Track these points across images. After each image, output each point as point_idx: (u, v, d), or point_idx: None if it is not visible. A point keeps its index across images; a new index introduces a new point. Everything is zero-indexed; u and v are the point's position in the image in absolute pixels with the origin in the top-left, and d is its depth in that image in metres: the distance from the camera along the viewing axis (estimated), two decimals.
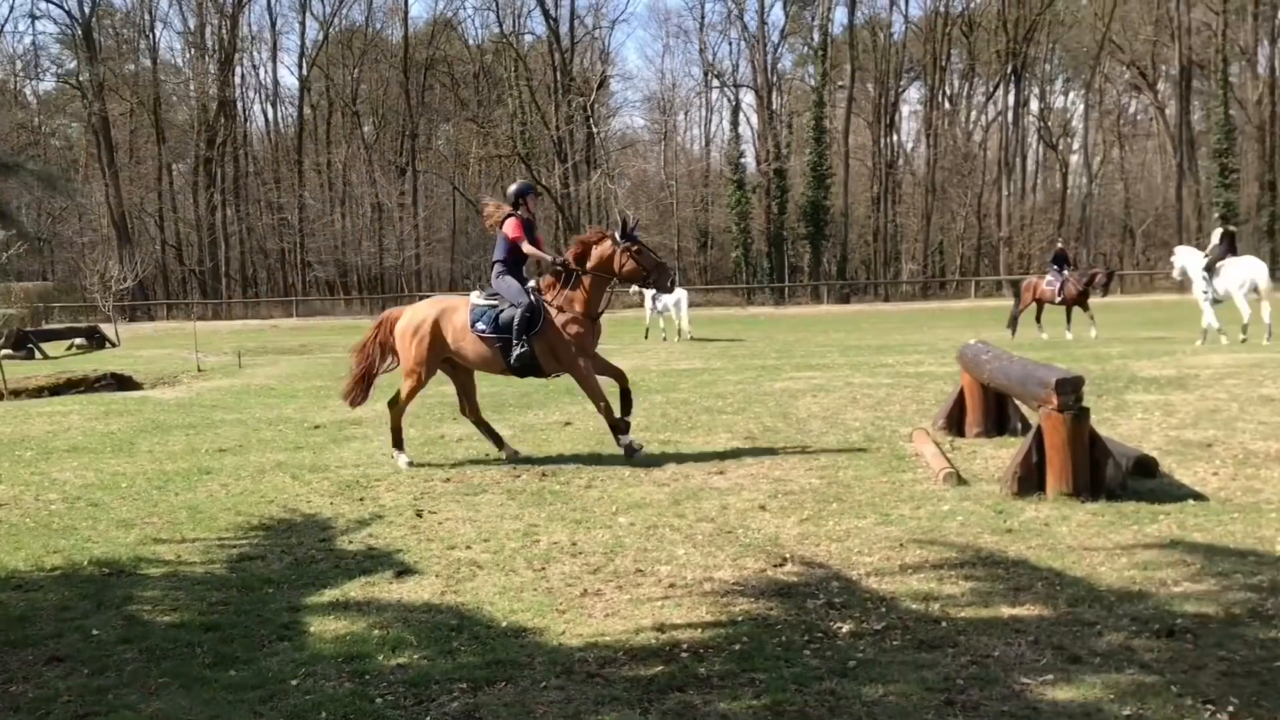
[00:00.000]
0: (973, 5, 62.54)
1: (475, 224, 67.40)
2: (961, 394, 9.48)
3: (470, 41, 69.11)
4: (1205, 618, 4.55)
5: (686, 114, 73.42)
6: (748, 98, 66.29)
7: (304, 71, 64.19)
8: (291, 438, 10.87)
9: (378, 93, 66.83)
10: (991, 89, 63.34)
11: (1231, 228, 19.29)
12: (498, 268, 9.11)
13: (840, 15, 64.88)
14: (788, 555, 5.78)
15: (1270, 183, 54.15)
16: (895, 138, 65.67)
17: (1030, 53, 60.37)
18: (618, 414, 8.95)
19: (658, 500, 7.24)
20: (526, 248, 9.04)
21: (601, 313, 9.11)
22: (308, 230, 62.02)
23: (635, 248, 9.02)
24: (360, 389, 9.50)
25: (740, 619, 4.78)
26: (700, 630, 4.66)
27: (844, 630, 4.57)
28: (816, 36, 61.84)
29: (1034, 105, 64.73)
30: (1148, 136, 66.51)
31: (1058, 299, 23.39)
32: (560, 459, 8.98)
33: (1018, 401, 8.63)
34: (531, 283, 9.09)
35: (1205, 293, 18.33)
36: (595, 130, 62.39)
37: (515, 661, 4.36)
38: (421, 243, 63.01)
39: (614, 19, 69.97)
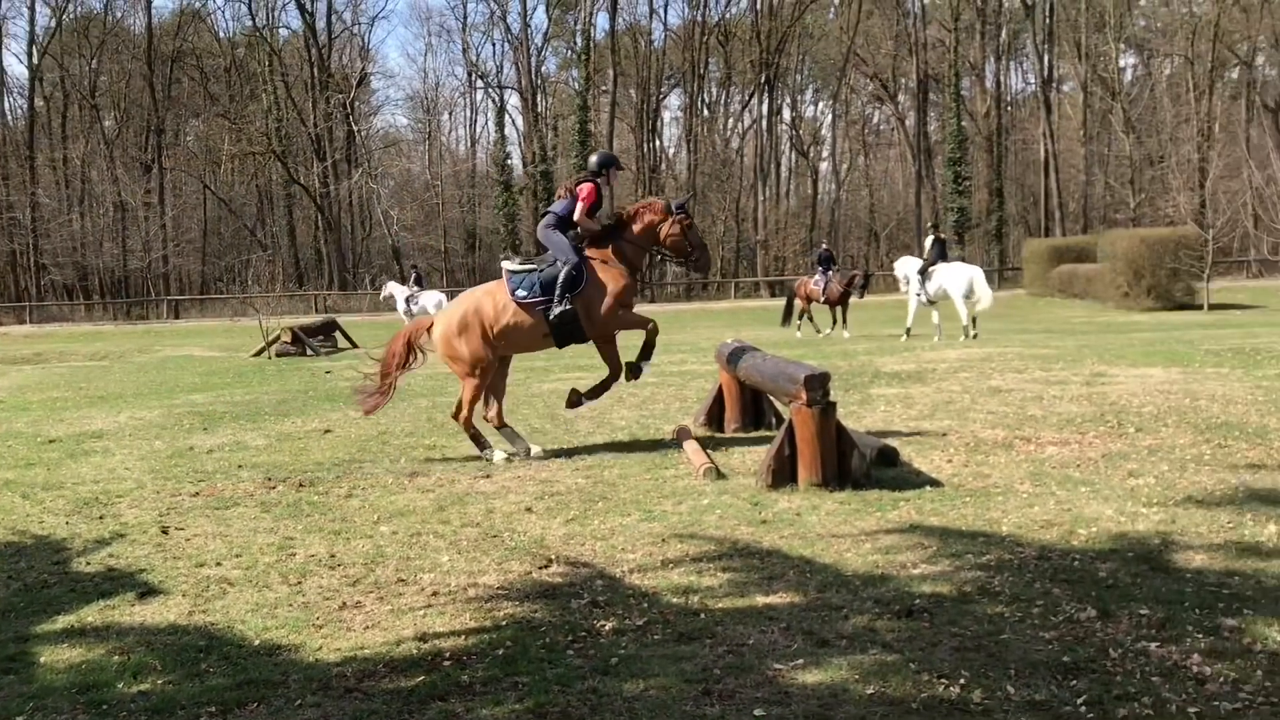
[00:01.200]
0: (728, 16, 64.75)
1: (228, 224, 64.42)
2: (720, 391, 9.78)
3: (221, 34, 65.95)
4: (940, 597, 4.86)
5: (451, 114, 72.68)
6: (513, 99, 66.31)
7: (34, 60, 59.44)
8: (22, 454, 10.04)
9: (119, 85, 62.71)
10: (747, 97, 65.77)
11: (942, 234, 20.81)
12: (550, 219, 8.82)
13: (602, 20, 65.80)
14: (553, 556, 5.79)
15: (998, 189, 58.65)
16: (658, 142, 67.25)
17: (782, 63, 63.03)
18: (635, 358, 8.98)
19: (422, 507, 7.11)
20: (584, 219, 8.77)
21: (638, 276, 9.01)
22: (41, 231, 57.42)
23: (687, 220, 8.93)
24: (384, 395, 9.06)
25: (504, 623, 4.75)
26: (464, 637, 4.60)
27: (607, 628, 4.61)
28: (579, 41, 62.46)
29: (786, 114, 67.70)
30: (890, 145, 70.78)
31: (822, 299, 24.55)
32: (320, 467, 8.68)
33: (771, 397, 8.97)
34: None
35: (917, 294, 19.78)
36: (356, 128, 60.79)
37: (268, 681, 4.17)
38: (170, 244, 59.52)
39: (373, 15, 68.54)
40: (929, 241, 20.55)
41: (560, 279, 8.56)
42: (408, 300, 27.25)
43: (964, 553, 5.54)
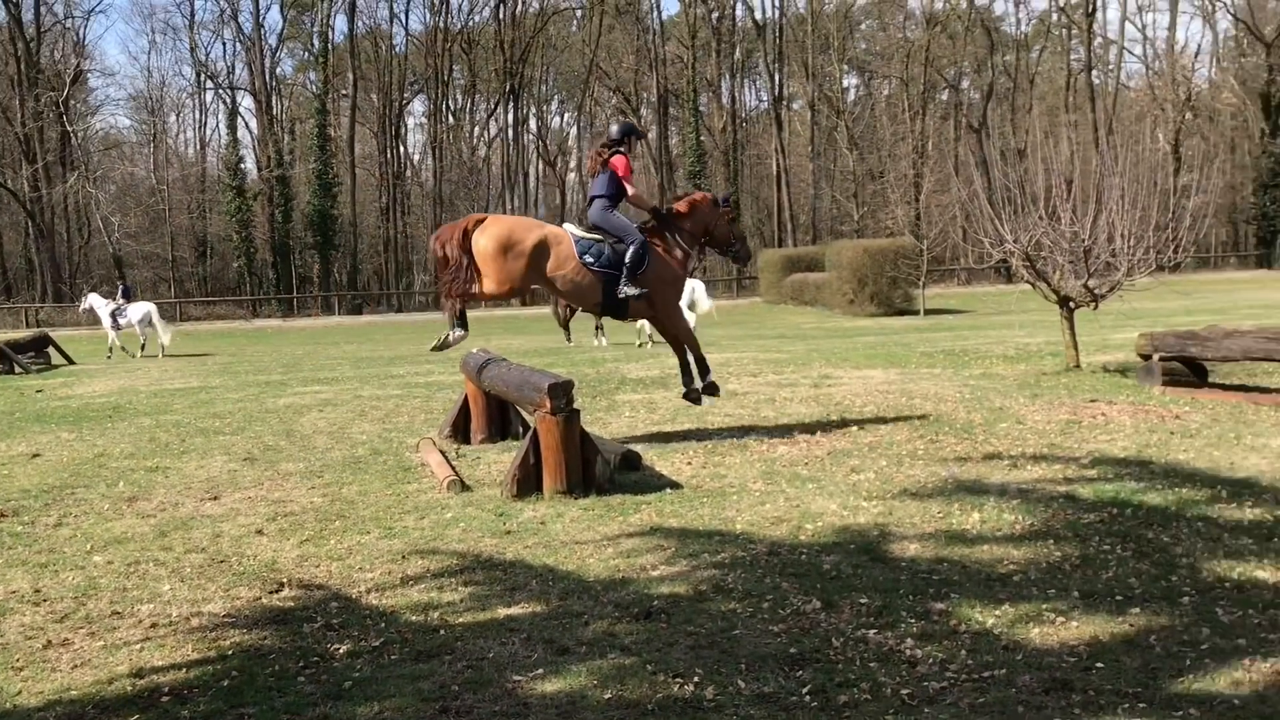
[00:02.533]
0: (471, 23, 64.38)
1: None
2: (466, 402, 9.67)
3: None
4: (678, 597, 4.97)
5: (179, 115, 68.64)
6: (246, 101, 63.36)
7: None
8: None
9: None
10: (493, 105, 65.60)
11: None
12: (603, 202, 8.77)
13: (341, 23, 64.02)
14: (285, 580, 5.54)
15: (735, 202, 61.03)
16: (402, 149, 66.03)
17: (527, 73, 63.26)
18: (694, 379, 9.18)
19: (141, 534, 6.64)
20: (631, 190, 8.81)
21: (690, 271, 9.10)
22: None
23: (732, 214, 9.24)
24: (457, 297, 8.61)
25: (230, 653, 4.50)
26: (185, 670, 4.32)
27: (341, 651, 4.45)
28: (316, 43, 60.46)
29: (533, 123, 68.04)
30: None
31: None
32: (26, 495, 7.96)
33: (518, 407, 8.95)
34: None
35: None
36: (71, 129, 56.37)
37: None
38: None
39: (89, 9, 63.18)
40: None
41: (628, 259, 8.62)
42: (114, 314, 25.40)
43: (701, 552, 5.70)
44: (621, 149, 9.09)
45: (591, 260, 8.69)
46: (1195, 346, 10.94)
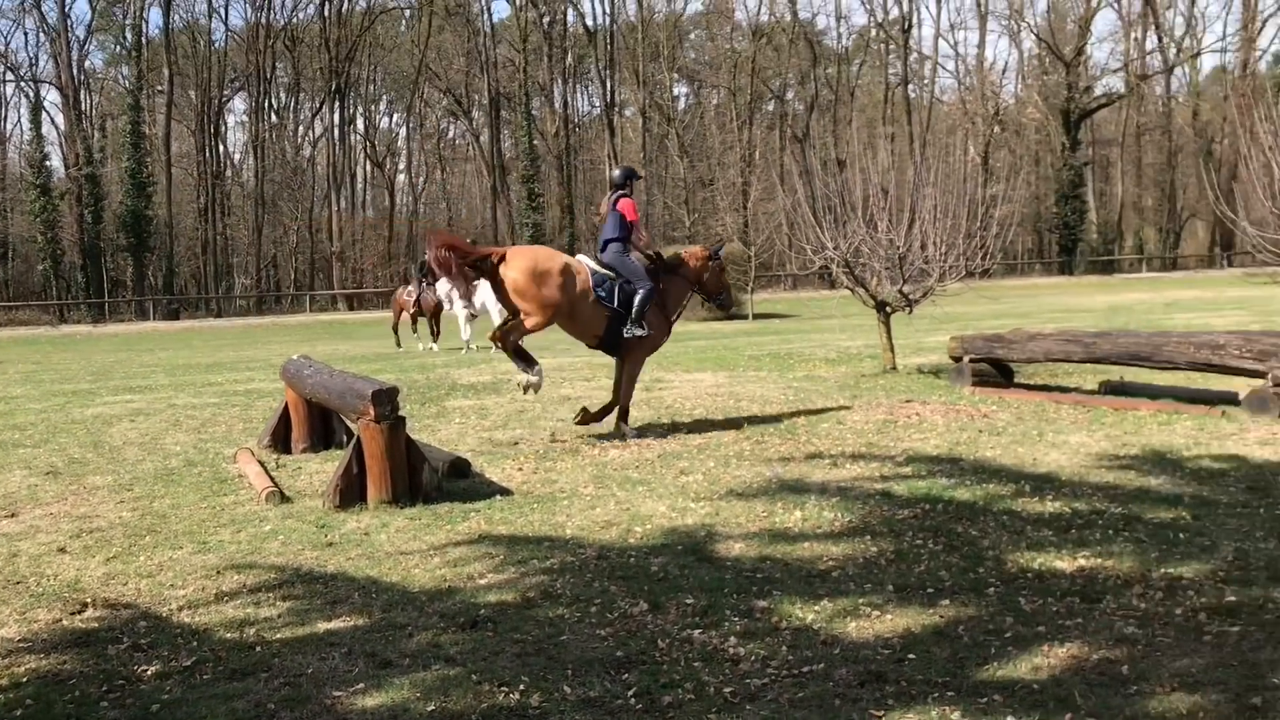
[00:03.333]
0: (295, 20, 62.49)
1: None
2: (286, 410, 9.36)
3: None
4: (505, 605, 4.92)
5: None
6: (51, 95, 59.85)
7: None
8: None
9: None
10: (318, 105, 63.86)
11: None
12: (618, 245, 9.21)
13: (155, 16, 61.16)
14: (90, 600, 5.23)
15: (569, 207, 61.14)
16: (222, 147, 63.58)
17: (353, 72, 61.85)
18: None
19: None
20: (645, 237, 9.51)
21: (676, 318, 9.78)
22: None
23: (720, 267, 10.07)
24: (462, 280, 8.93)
25: (25, 679, 4.22)
26: None
27: (149, 672, 4.23)
28: (129, 36, 57.60)
29: (361, 124, 66.51)
30: (466, 160, 71.66)
31: (412, 309, 23.74)
32: None
33: (341, 415, 8.71)
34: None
35: (466, 307, 20.41)
36: None
37: None
38: None
39: None
40: None
41: (638, 303, 9.09)
42: None
43: (530, 559, 5.66)
44: (625, 192, 9.56)
45: (604, 295, 9.08)
46: (1002, 349, 11.54)
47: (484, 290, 20.31)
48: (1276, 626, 4.29)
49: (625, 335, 9.18)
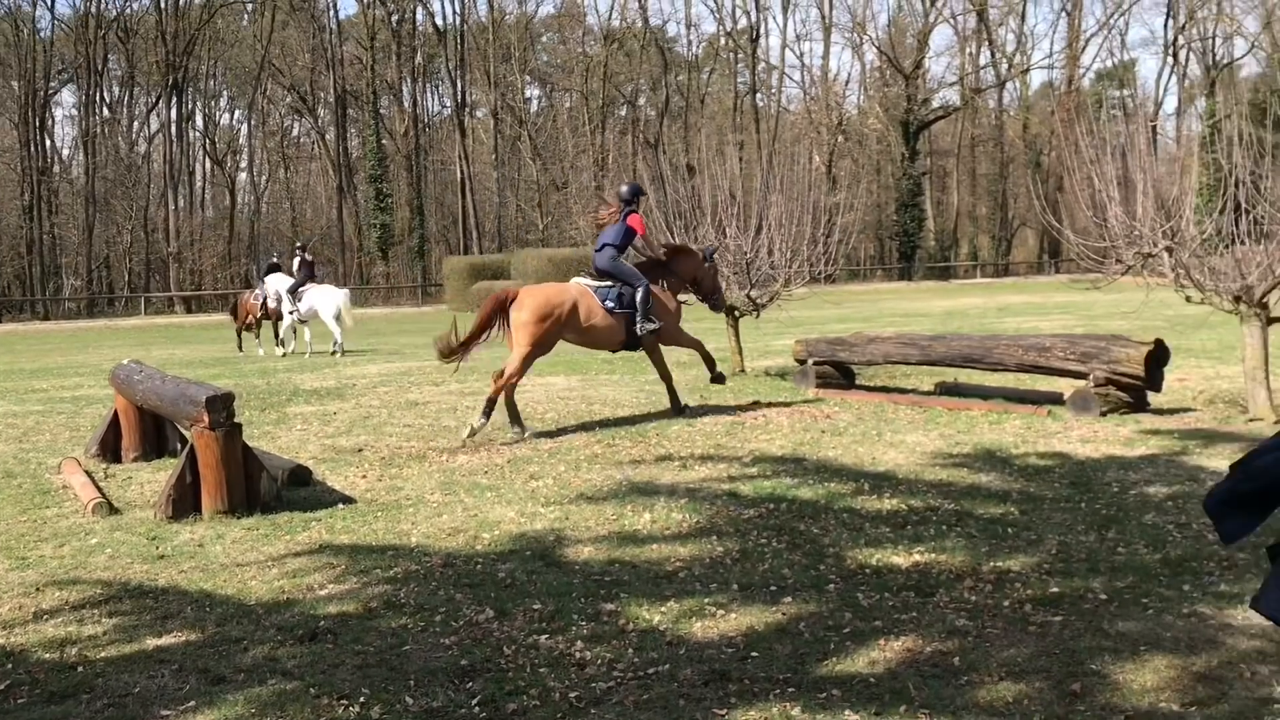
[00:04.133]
0: (129, 11, 59.81)
1: None
2: (116, 417, 8.94)
3: None
4: (347, 616, 4.80)
5: None
6: None
7: None
8: None
9: None
10: (154, 100, 61.27)
11: (309, 255, 21.08)
12: (612, 251, 9.95)
13: None
14: None
15: (419, 208, 60.24)
16: (49, 142, 60.36)
17: (192, 66, 59.57)
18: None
19: None
20: (653, 245, 10.56)
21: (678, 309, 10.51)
22: None
23: (713, 268, 11.03)
24: (465, 352, 9.64)
25: None
26: None
27: None
28: None
29: (200, 120, 64.12)
30: (311, 159, 69.82)
31: (259, 313, 22.86)
32: None
33: (174, 422, 8.36)
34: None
35: (290, 312, 19.99)
36: None
37: None
38: None
39: None
40: (297, 262, 20.75)
41: (640, 301, 9.89)
42: None
43: (373, 568, 5.54)
44: (633, 208, 10.26)
45: (613, 305, 9.92)
46: (844, 351, 11.88)
47: (312, 296, 19.87)
48: (1094, 615, 4.52)
49: (639, 332, 10.00)
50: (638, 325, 9.94)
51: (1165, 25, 65.56)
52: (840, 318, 25.07)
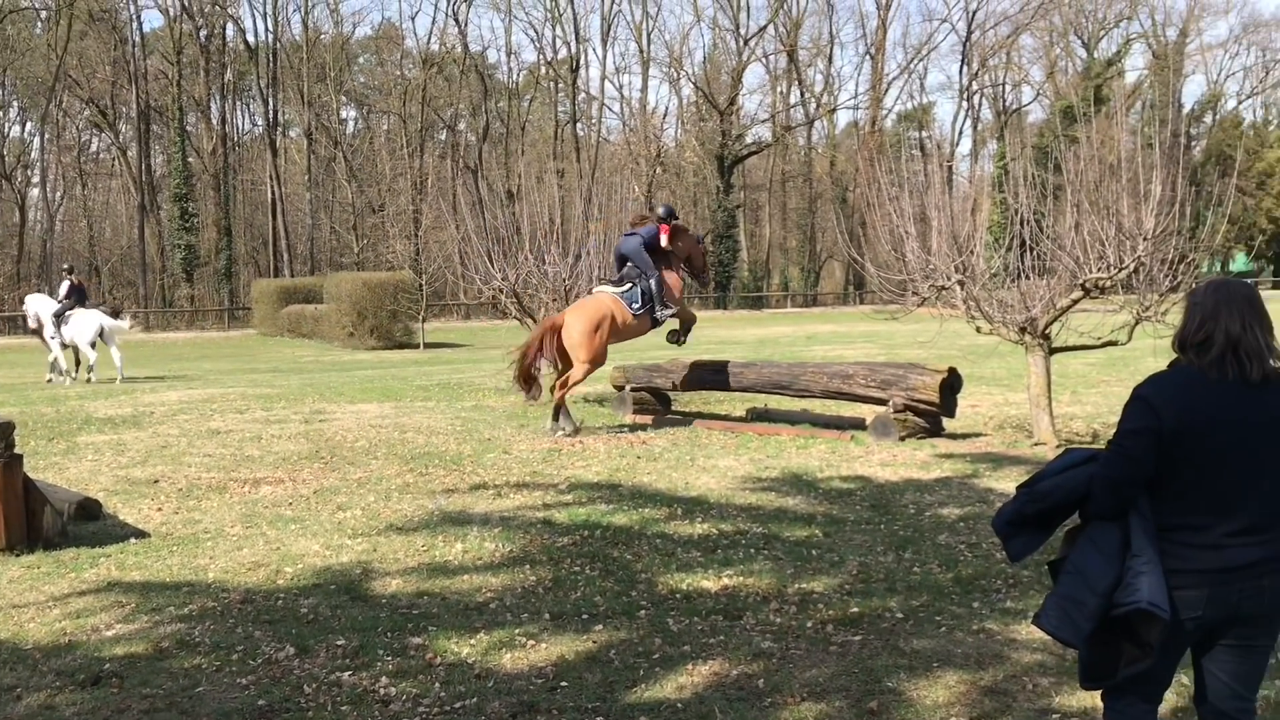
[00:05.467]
0: None
1: None
2: None
3: None
4: (134, 657, 4.52)
5: None
6: None
7: None
8: None
9: None
10: None
11: (76, 279, 20.13)
12: (639, 240, 11.22)
13: None
14: None
15: (227, 228, 57.91)
16: None
17: None
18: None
19: None
20: (671, 246, 11.44)
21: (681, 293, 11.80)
22: None
23: (703, 249, 12.39)
24: (530, 381, 11.14)
25: None
26: None
27: None
28: None
29: None
30: (111, 176, 66.25)
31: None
32: None
33: None
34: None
35: (53, 337, 19.06)
36: None
37: None
38: None
39: None
40: (65, 287, 19.72)
41: (655, 290, 11.16)
42: None
43: (165, 606, 5.24)
44: (665, 222, 11.54)
45: (638, 305, 11.13)
46: (661, 378, 12.03)
47: (74, 321, 18.78)
48: (891, 634, 4.69)
49: (659, 319, 11.36)
50: (658, 312, 11.27)
51: (960, 72, 69.51)
52: (657, 344, 25.40)
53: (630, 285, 11.23)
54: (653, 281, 11.26)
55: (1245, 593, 2.72)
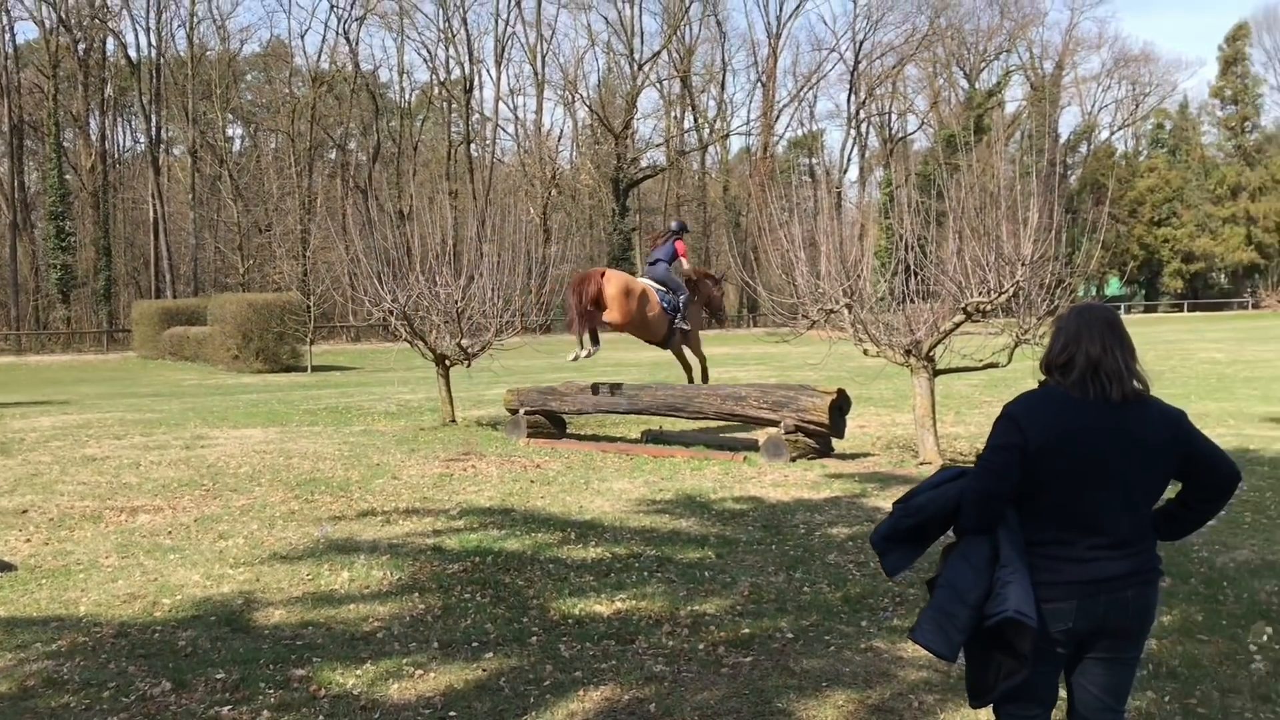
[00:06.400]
0: None
1: None
2: None
3: None
4: (1, 696, 4.30)
5: None
6: None
7: None
8: None
9: None
10: None
11: None
12: (665, 265, 12.41)
13: None
14: None
15: (106, 248, 56.03)
16: None
17: None
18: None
19: None
20: (687, 265, 12.70)
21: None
22: None
23: (721, 290, 13.61)
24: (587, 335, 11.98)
25: None
26: None
27: None
28: None
29: None
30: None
31: None
32: None
33: None
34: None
35: None
36: None
37: None
38: None
39: None
40: None
41: (682, 304, 12.34)
42: None
43: (32, 642, 5.00)
44: (679, 237, 12.69)
45: (667, 306, 12.24)
46: (555, 401, 11.99)
47: None
48: (782, 654, 4.73)
49: (677, 326, 12.40)
50: (677, 320, 12.34)
51: (848, 100, 71.30)
52: (553, 367, 25.34)
53: (666, 291, 12.38)
54: (681, 298, 12.50)
55: (1112, 605, 2.82)
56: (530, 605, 5.50)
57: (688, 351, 12.95)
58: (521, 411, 12.15)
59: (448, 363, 13.83)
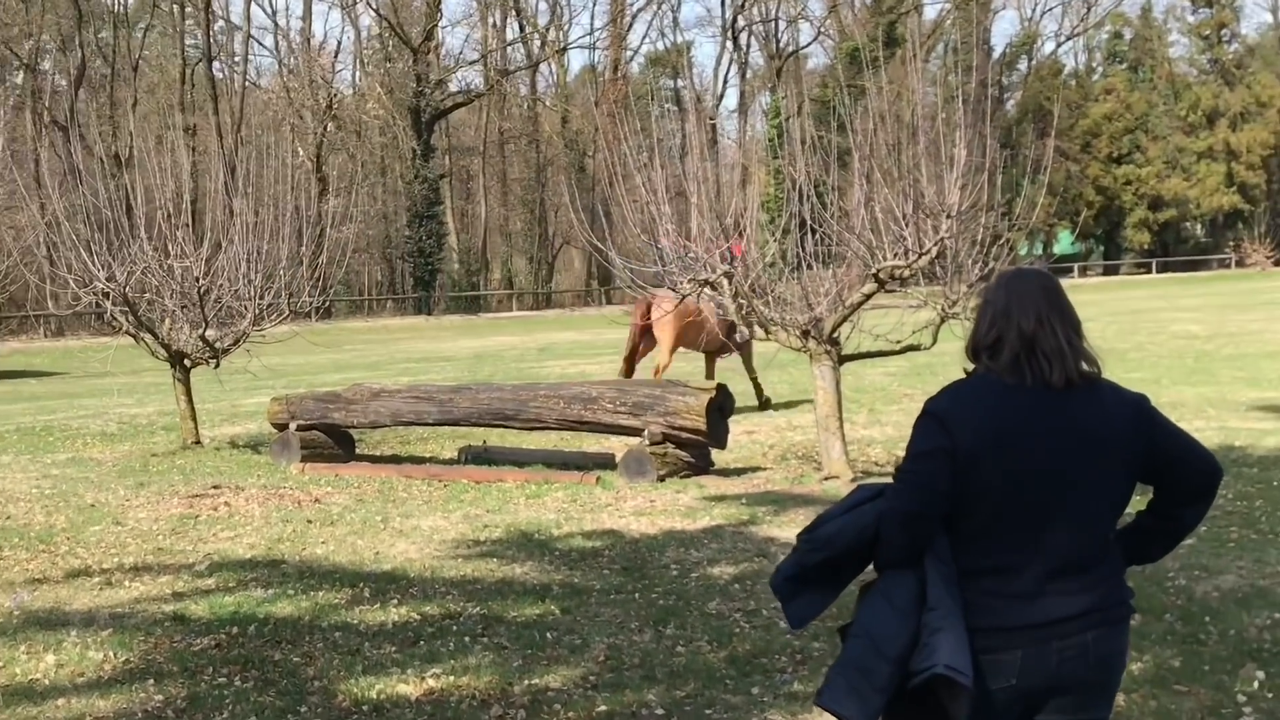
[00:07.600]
0: None
1: None
2: None
3: None
4: None
5: None
6: None
7: None
8: None
9: None
10: None
11: None
12: None
13: None
14: None
15: None
16: None
17: None
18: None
19: None
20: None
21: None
22: None
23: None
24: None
25: None
26: None
27: None
28: None
29: None
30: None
31: None
32: None
33: None
34: None
35: None
36: None
37: None
38: None
39: None
40: None
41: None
42: None
43: None
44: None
45: (720, 315, 14.06)
46: (339, 411, 11.83)
47: None
48: None
49: (739, 340, 14.88)
50: (736, 333, 14.48)
51: (723, 3, 72.25)
52: (337, 365, 25.08)
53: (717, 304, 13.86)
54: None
55: (1066, 653, 2.86)
56: (310, 690, 5.44)
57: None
58: (293, 427, 11.97)
59: (188, 363, 13.54)
